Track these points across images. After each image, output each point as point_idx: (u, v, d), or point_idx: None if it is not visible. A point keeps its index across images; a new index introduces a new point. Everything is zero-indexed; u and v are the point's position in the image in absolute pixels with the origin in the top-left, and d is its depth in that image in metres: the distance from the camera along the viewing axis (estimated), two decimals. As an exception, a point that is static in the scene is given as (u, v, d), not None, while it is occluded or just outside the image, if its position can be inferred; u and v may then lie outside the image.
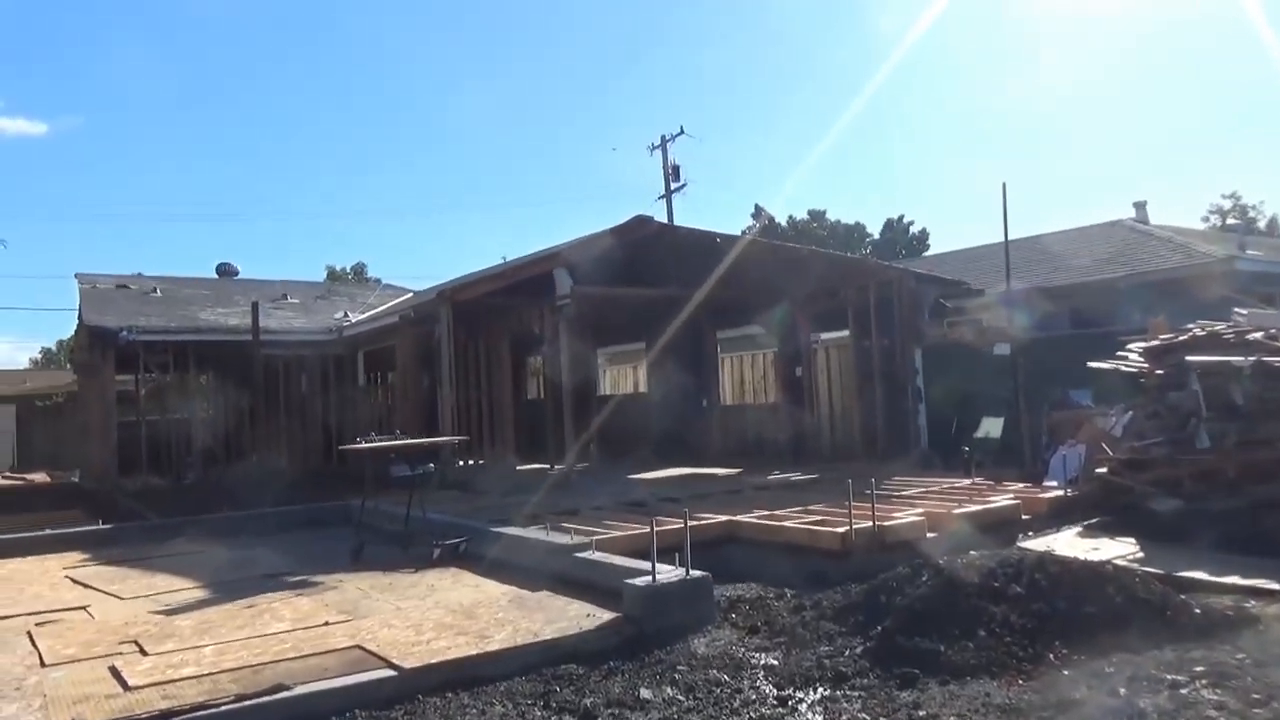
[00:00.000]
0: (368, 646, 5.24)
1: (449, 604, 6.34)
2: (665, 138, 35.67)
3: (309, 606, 6.44)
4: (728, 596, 6.50)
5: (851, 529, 7.20)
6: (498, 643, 5.25)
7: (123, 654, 5.35)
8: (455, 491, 12.06)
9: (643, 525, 7.22)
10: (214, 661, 5.06)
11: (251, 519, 11.05)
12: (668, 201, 35.85)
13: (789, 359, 15.89)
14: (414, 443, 9.16)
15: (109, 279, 19.99)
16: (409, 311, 14.96)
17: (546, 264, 13.57)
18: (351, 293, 23.56)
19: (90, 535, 10.32)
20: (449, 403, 14.08)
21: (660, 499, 10.42)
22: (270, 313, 18.16)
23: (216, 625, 5.98)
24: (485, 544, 8.19)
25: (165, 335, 16.44)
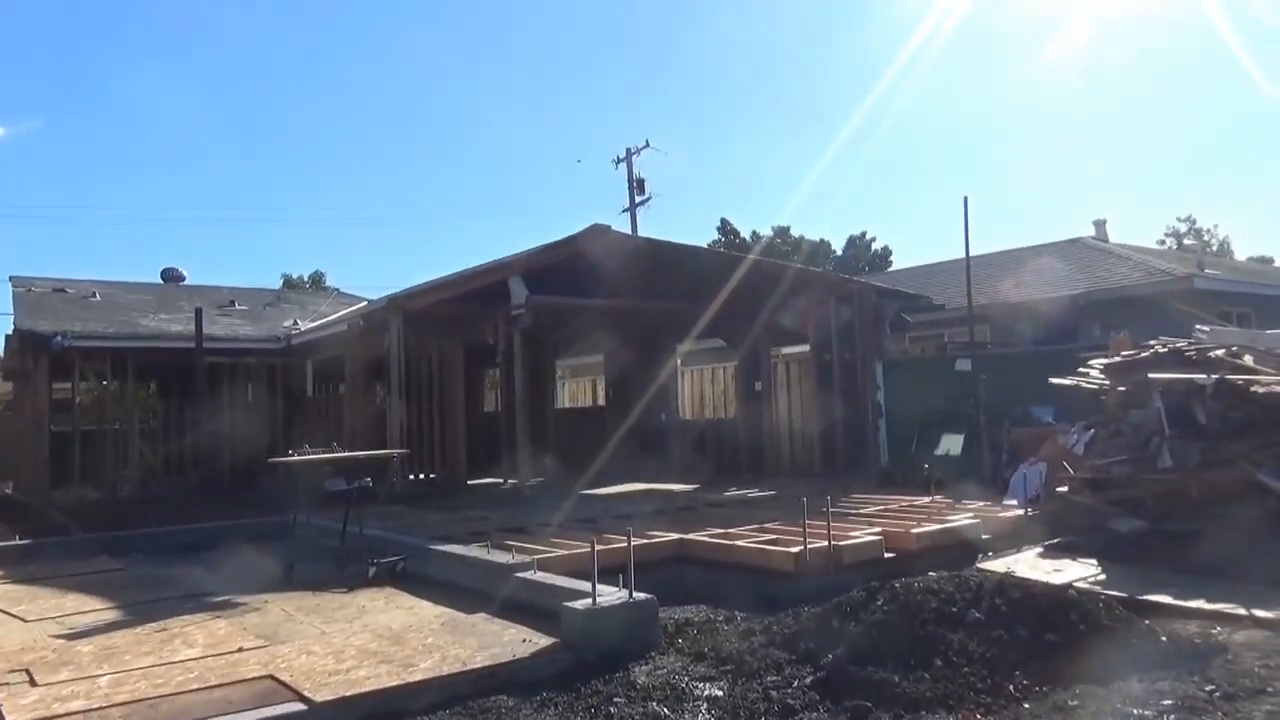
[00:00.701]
0: (280, 677, 4.83)
1: (377, 628, 5.93)
2: (630, 150, 35.65)
3: (225, 630, 5.99)
4: (675, 619, 6.15)
5: (805, 549, 6.90)
6: (422, 672, 4.86)
7: (9, 684, 4.88)
8: (401, 506, 11.60)
9: (593, 543, 6.87)
10: (107, 694, 4.61)
11: (182, 534, 10.52)
12: (632, 214, 35.74)
13: (749, 373, 15.65)
14: (347, 455, 8.73)
15: (46, 282, 19.24)
16: (358, 320, 14.48)
17: (501, 273, 13.20)
18: (304, 300, 22.96)
19: (6, 551, 9.71)
20: (398, 414, 13.63)
21: (613, 516, 10.07)
22: (216, 320, 17.57)
23: (120, 652, 5.52)
24: (424, 562, 7.79)
25: (103, 341, 15.79)
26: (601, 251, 13.20)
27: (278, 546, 8.87)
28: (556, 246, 12.82)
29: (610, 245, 13.32)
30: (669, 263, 14.09)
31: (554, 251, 12.85)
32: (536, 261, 12.98)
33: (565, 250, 12.81)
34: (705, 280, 13.90)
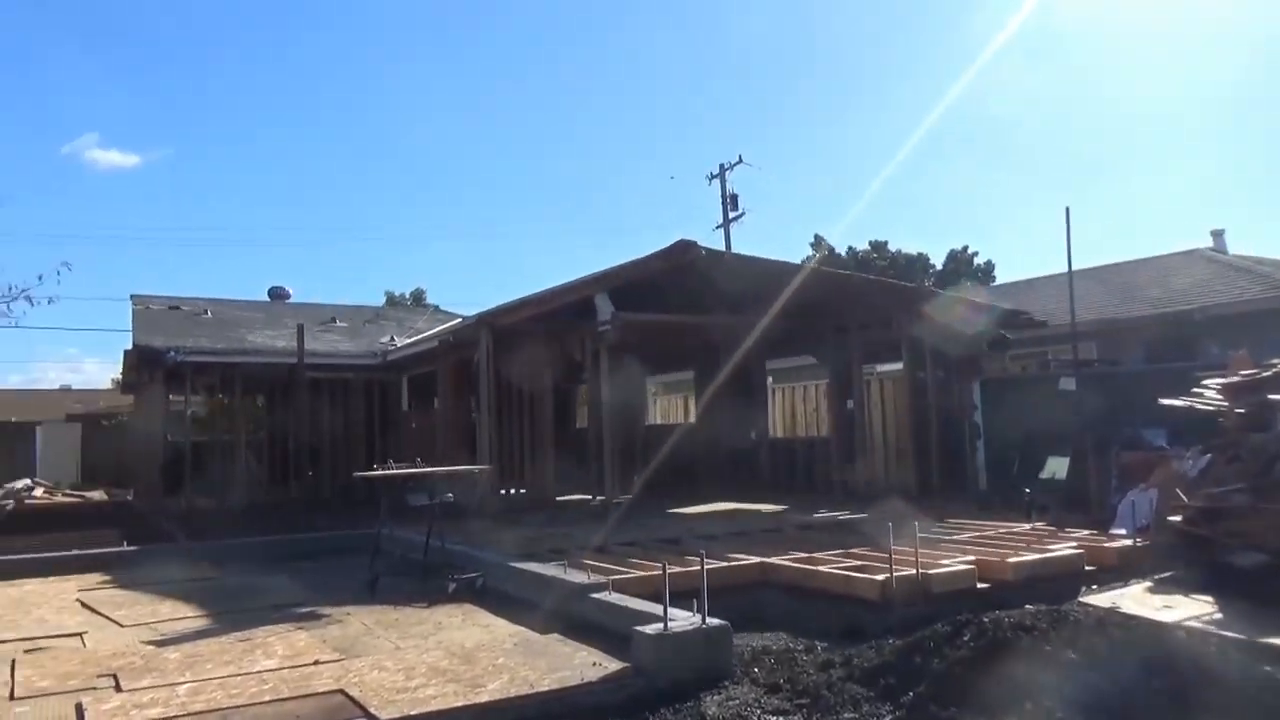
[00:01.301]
0: (350, 692, 4.84)
1: (451, 645, 5.91)
2: (724, 166, 35.43)
3: (304, 642, 6.07)
4: (753, 648, 5.97)
5: (891, 577, 6.60)
6: (489, 693, 4.80)
7: (96, 689, 5.04)
8: (488, 522, 11.67)
9: (672, 565, 6.73)
10: (184, 703, 4.71)
11: (279, 545, 10.82)
12: (725, 231, 35.52)
13: (840, 391, 15.24)
14: (428, 470, 8.80)
15: (162, 300, 20.24)
16: (449, 337, 14.72)
17: (588, 289, 13.20)
18: (401, 317, 23.55)
19: (116, 557, 10.17)
20: (488, 430, 13.78)
21: (697, 536, 9.88)
22: (317, 336, 18.14)
23: (203, 660, 5.65)
24: (504, 579, 7.79)
25: (212, 356, 16.47)
26: (689, 267, 13.09)
27: (365, 560, 9.04)
28: (643, 262, 12.76)
29: (697, 261, 13.19)
30: (758, 278, 13.87)
31: (640, 267, 12.79)
32: (622, 277, 12.95)
33: (651, 266, 12.74)
34: (795, 296, 13.63)
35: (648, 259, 12.66)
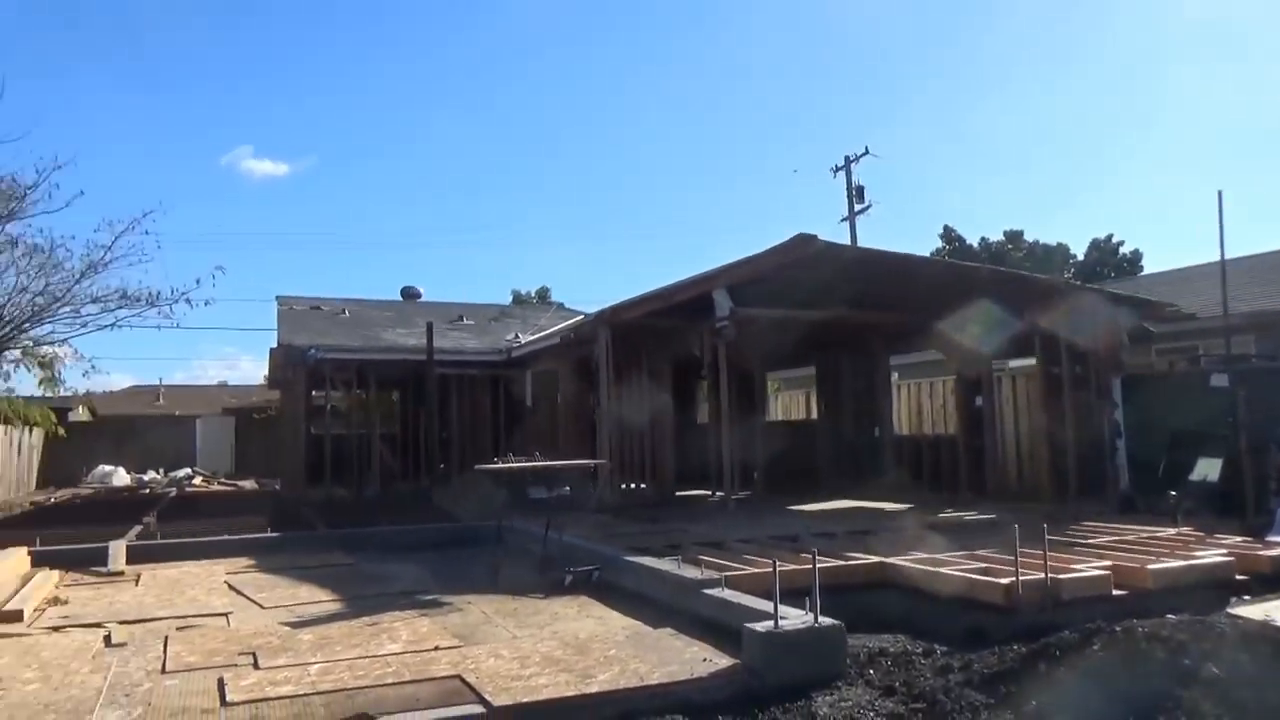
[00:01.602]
0: (467, 678, 4.99)
1: (565, 636, 6.02)
2: (849, 158, 34.64)
3: (427, 628, 6.30)
4: (868, 649, 5.82)
5: (1018, 581, 6.31)
6: (599, 684, 4.86)
7: (237, 666, 5.37)
8: (607, 516, 11.84)
9: (788, 563, 6.67)
10: (314, 681, 4.96)
11: (409, 534, 11.25)
12: (851, 223, 34.74)
13: (969, 387, 14.71)
14: (546, 465, 8.96)
15: (305, 301, 21.37)
16: (570, 334, 14.98)
17: (705, 285, 13.17)
18: (526, 315, 24.10)
19: (261, 542, 10.80)
20: (607, 425, 13.95)
21: (816, 534, 9.73)
22: (445, 334, 18.78)
23: (333, 642, 5.94)
24: (619, 573, 7.86)
25: (349, 354, 17.30)
26: (809, 261, 12.88)
27: (488, 550, 9.32)
28: (760, 257, 12.63)
29: (818, 255, 12.95)
30: (881, 272, 13.53)
31: (759, 262, 12.66)
32: (741, 273, 12.85)
33: (770, 261, 12.59)
34: (921, 290, 13.24)
35: (765, 254, 12.52)
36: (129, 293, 19.80)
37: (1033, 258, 42.53)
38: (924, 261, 14.83)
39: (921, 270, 13.70)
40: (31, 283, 19.74)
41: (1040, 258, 42.78)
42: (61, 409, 26.72)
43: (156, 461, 30.20)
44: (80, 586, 8.51)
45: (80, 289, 19.86)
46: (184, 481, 26.63)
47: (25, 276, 19.74)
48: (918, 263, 13.87)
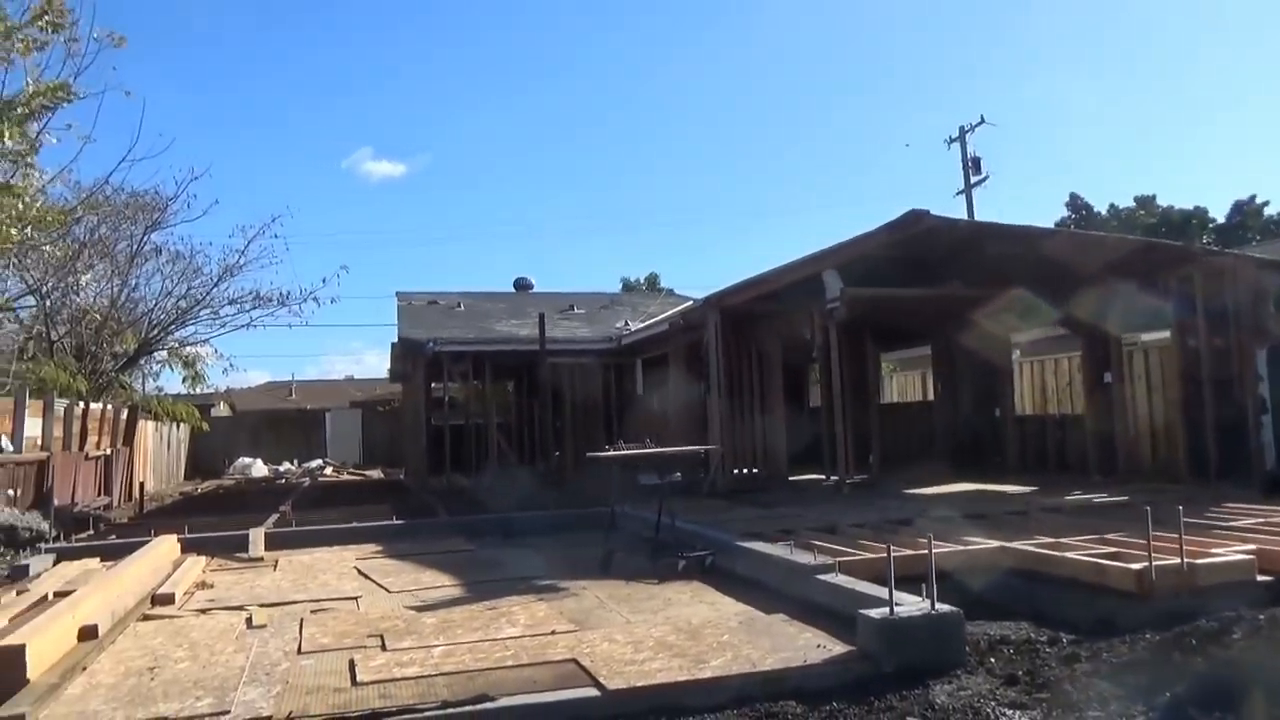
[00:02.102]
0: (583, 661, 5.10)
1: (678, 621, 6.07)
2: (964, 128, 33.49)
3: (544, 613, 6.45)
4: (989, 636, 5.66)
5: (1150, 566, 6.00)
6: (711, 670, 4.89)
7: (365, 648, 5.63)
8: (720, 501, 11.86)
9: (903, 547, 6.54)
10: (437, 663, 5.16)
11: (524, 520, 11.52)
12: (967, 196, 33.58)
13: (1097, 363, 14.03)
14: (657, 451, 9.02)
15: (422, 296, 22.10)
16: (679, 319, 15.03)
17: (815, 266, 12.99)
18: (635, 302, 24.28)
19: (386, 529, 11.25)
20: (718, 410, 13.95)
21: (933, 518, 9.48)
22: (557, 323, 19.10)
23: (455, 625, 6.15)
24: (731, 558, 7.86)
25: (465, 346, 17.82)
26: (922, 238, 12.54)
27: (602, 535, 9.44)
28: (870, 236, 12.36)
29: (931, 231, 12.59)
30: (1000, 246, 13.05)
31: (868, 241, 12.40)
32: (850, 252, 12.61)
33: (880, 239, 12.31)
34: (1042, 263, 12.69)
35: (875, 232, 12.24)
36: (262, 293, 21.03)
37: (1167, 223, 40.17)
38: (1045, 233, 14.17)
39: (1043, 241, 13.13)
40: (175, 287, 21.16)
41: (1175, 223, 40.38)
42: (204, 405, 28.48)
43: (290, 453, 31.87)
44: (224, 571, 9.06)
45: (218, 291, 21.20)
46: (316, 472, 28.00)
47: (169, 282, 21.18)
48: (1038, 234, 13.30)
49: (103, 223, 18.69)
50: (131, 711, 4.48)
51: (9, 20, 10.40)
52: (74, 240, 17.32)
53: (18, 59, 10.54)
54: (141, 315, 21.21)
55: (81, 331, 19.25)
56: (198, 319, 21.69)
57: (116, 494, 18.01)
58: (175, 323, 21.50)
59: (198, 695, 4.70)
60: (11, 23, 10.37)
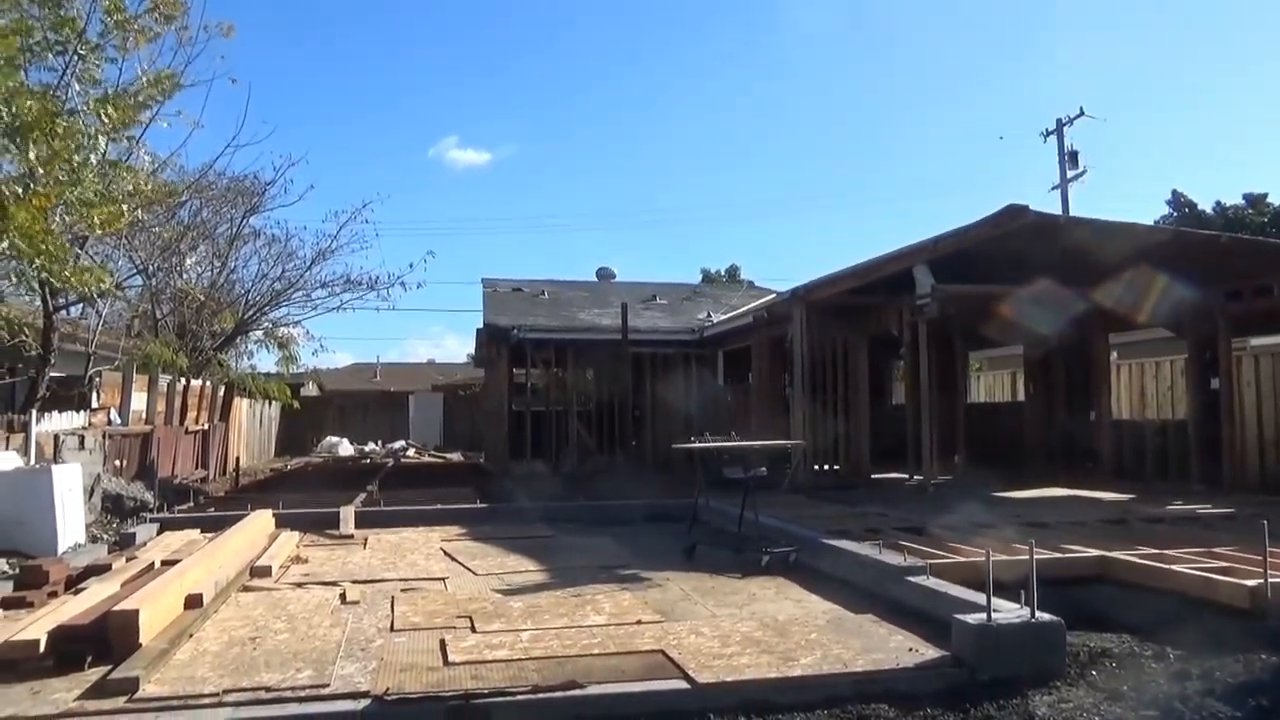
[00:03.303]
0: (670, 653, 5.09)
1: (764, 617, 6.02)
2: (1061, 121, 32.33)
3: (628, 602, 6.47)
4: (1089, 648, 5.46)
5: (1266, 583, 5.71)
6: (801, 667, 4.83)
7: (455, 628, 5.72)
8: (801, 497, 11.73)
9: (996, 552, 6.35)
10: (526, 648, 5.22)
11: (605, 509, 11.59)
12: (1062, 191, 32.44)
13: (1203, 367, 13.43)
14: (742, 444, 8.95)
15: (507, 283, 22.36)
16: (763, 313, 14.88)
17: (905, 260, 12.71)
18: (717, 294, 24.16)
19: (470, 512, 11.45)
20: (801, 405, 13.79)
21: (1025, 523, 9.22)
22: (640, 313, 19.13)
23: (542, 611, 6.21)
24: (816, 555, 7.77)
25: (548, 334, 17.97)
26: (1018, 234, 12.15)
27: (683, 527, 9.43)
28: (966, 231, 12.04)
29: (1028, 227, 12.20)
30: (1099, 243, 12.55)
31: (963, 236, 12.07)
32: (944, 248, 12.29)
33: (976, 234, 11.98)
34: (1143, 261, 12.19)
35: (972, 227, 11.92)
36: (352, 277, 21.56)
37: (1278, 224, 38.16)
38: (1148, 230, 13.63)
39: (1146, 239, 12.62)
40: (270, 270, 21.84)
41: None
42: (295, 385, 29.35)
43: (374, 434, 32.66)
44: (316, 547, 9.34)
45: (311, 275, 21.79)
46: (399, 453, 28.64)
47: (265, 264, 21.88)
48: (1141, 232, 12.79)
49: (205, 206, 19.39)
50: (236, 679, 4.64)
51: (126, 11, 10.82)
52: (179, 223, 18.00)
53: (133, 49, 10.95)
54: (238, 296, 21.94)
55: (183, 311, 20.01)
56: (291, 301, 22.37)
57: (212, 468, 18.72)
58: (270, 304, 22.19)
59: (298, 667, 4.85)
60: (128, 14, 10.77)
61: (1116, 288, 12.83)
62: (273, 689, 4.50)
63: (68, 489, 9.59)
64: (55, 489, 9.30)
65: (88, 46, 10.70)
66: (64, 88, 10.73)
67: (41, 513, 9.20)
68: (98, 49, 10.81)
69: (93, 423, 12.97)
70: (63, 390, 12.92)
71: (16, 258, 10.09)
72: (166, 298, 19.69)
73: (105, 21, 10.64)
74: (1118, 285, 12.78)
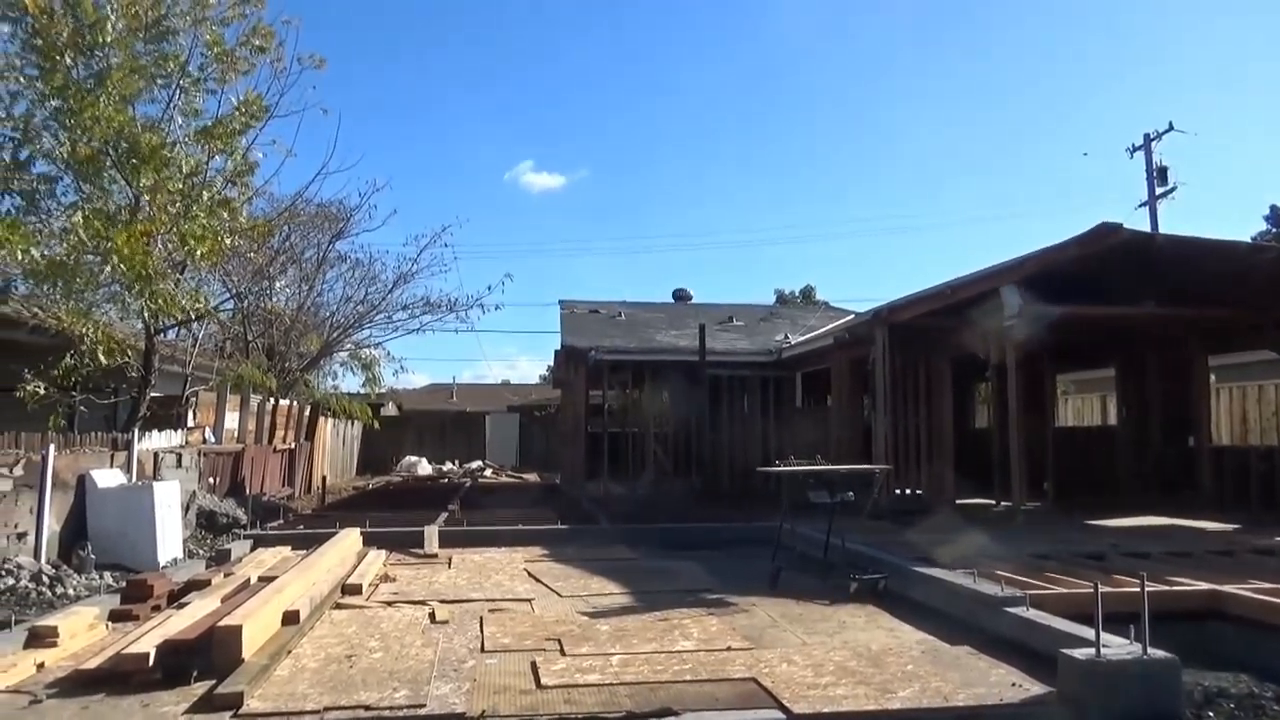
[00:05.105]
0: (763, 681, 5.01)
1: (856, 646, 5.89)
2: (1149, 136, 31.33)
3: (716, 628, 6.40)
4: (1205, 688, 5.21)
5: (1399, 622, 5.38)
6: (900, 700, 4.70)
7: (545, 651, 5.73)
8: (885, 522, 11.48)
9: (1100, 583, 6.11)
10: (617, 672, 5.19)
11: (686, 532, 11.53)
12: (1151, 208, 31.40)
13: (1312, 392, 12.78)
14: (829, 469, 8.81)
15: (584, 305, 22.54)
16: (843, 334, 14.68)
17: (992, 281, 12.42)
18: (794, 315, 23.95)
19: (551, 533, 11.51)
20: (883, 429, 13.54)
21: (1124, 553, 8.88)
22: (716, 335, 19.05)
23: (630, 634, 6.19)
24: (906, 583, 7.59)
25: (625, 355, 18.01)
26: (1109, 253, 11.79)
27: (765, 551, 9.30)
28: (1056, 250, 11.73)
29: (1120, 245, 11.83)
30: (1195, 262, 12.12)
31: (1053, 256, 11.77)
32: (1032, 267, 12.00)
33: (1066, 254, 11.67)
34: (1245, 280, 11.70)
35: (1062, 246, 11.62)
36: (431, 300, 22.00)
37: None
38: (1251, 248, 13.06)
39: (1249, 258, 12.10)
40: (354, 292, 22.45)
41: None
42: (376, 405, 30.03)
43: (451, 453, 33.17)
44: (403, 566, 9.48)
45: (392, 297, 22.33)
46: (476, 473, 29.02)
47: (349, 287, 22.50)
48: (1244, 250, 12.28)
49: (294, 231, 20.03)
50: (336, 698, 4.71)
51: (225, 44, 11.30)
52: (270, 248, 18.63)
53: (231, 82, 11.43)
54: (324, 319, 22.58)
55: (273, 333, 20.67)
56: (373, 323, 22.95)
57: (298, 486, 19.23)
58: (353, 326, 22.80)
59: (394, 686, 4.91)
60: (226, 46, 11.25)
61: (1215, 308, 12.33)
62: (372, 707, 4.56)
63: (167, 505, 9.95)
64: (156, 505, 9.66)
65: (189, 80, 11.23)
66: (168, 120, 11.26)
67: (143, 528, 9.56)
68: (199, 82, 11.34)
69: (189, 441, 13.45)
70: (161, 410, 13.42)
71: (120, 282, 10.58)
72: (257, 320, 20.36)
73: (205, 55, 11.15)
74: (1217, 306, 12.28)
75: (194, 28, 10.94)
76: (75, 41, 10.07)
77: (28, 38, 10.16)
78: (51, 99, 10.23)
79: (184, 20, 10.84)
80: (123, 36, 10.39)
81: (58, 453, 9.21)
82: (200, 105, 11.44)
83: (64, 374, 10.60)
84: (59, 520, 9.20)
